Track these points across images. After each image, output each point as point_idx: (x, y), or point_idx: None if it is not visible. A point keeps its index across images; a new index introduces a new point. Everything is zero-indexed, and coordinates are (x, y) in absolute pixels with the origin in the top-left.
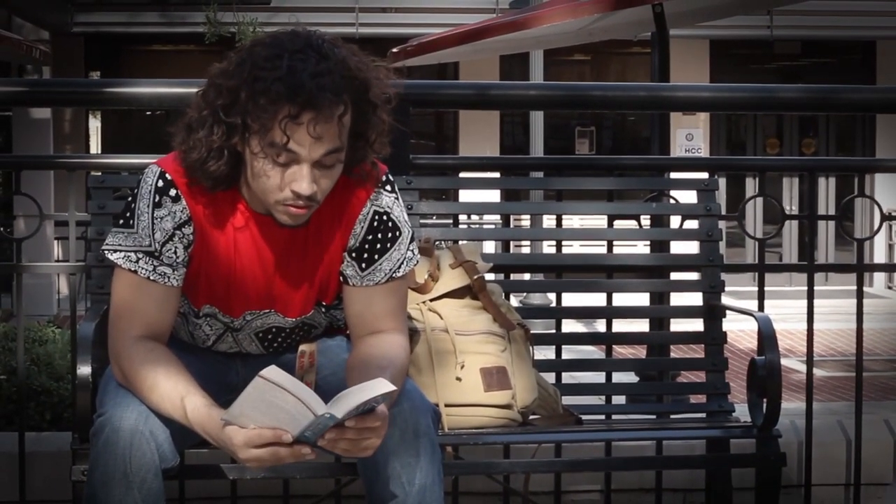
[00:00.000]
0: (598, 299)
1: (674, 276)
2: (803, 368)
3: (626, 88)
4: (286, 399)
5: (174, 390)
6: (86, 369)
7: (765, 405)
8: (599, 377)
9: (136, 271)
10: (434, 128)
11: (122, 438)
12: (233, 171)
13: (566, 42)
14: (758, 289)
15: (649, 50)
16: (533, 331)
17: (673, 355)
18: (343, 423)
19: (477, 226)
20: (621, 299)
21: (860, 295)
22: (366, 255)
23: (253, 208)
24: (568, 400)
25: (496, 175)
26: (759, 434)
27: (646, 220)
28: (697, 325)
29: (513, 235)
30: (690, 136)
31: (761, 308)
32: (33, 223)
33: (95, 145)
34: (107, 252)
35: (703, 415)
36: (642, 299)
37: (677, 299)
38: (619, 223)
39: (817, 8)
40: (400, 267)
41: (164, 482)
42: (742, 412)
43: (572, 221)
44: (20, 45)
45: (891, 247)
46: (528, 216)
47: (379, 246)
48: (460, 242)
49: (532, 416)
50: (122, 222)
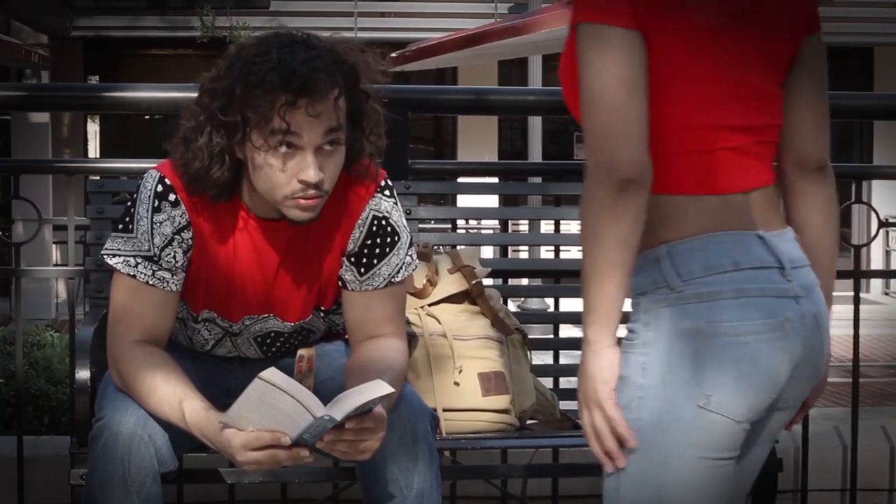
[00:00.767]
0: None
1: None
2: None
3: None
4: (285, 401)
5: (172, 394)
6: (84, 373)
7: None
8: None
9: (134, 276)
10: (432, 133)
11: (121, 442)
12: (235, 179)
13: None
14: None
15: None
16: (531, 336)
17: None
18: (342, 424)
19: (475, 231)
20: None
21: (857, 301)
22: (364, 260)
23: (254, 213)
24: (565, 405)
25: (494, 180)
26: None
27: None
28: None
29: (511, 240)
30: None
31: None
32: (32, 227)
33: (94, 149)
34: (106, 257)
35: None
36: None
37: None
38: None
39: None
40: (399, 272)
41: (162, 486)
42: None
43: (570, 226)
44: (19, 49)
45: (888, 253)
46: (527, 221)
47: (378, 251)
48: (458, 247)
49: (530, 421)
50: (121, 227)
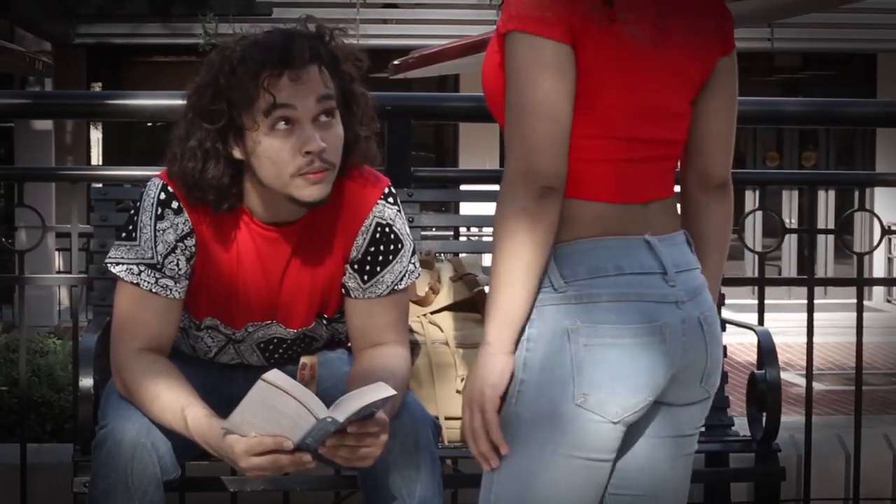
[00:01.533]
0: None
1: None
2: (802, 382)
3: None
4: (288, 403)
5: (175, 401)
6: (88, 381)
7: (764, 419)
8: None
9: (138, 284)
10: (434, 140)
11: (124, 450)
12: (233, 183)
13: None
14: (758, 303)
15: None
16: None
17: None
18: (344, 428)
19: (477, 238)
20: None
21: (860, 309)
22: (368, 268)
23: (258, 219)
24: None
25: (496, 187)
26: (758, 448)
27: None
28: None
29: None
30: None
31: (761, 322)
32: (35, 234)
33: (97, 156)
34: (109, 265)
35: (702, 429)
36: None
37: None
38: None
39: (818, 20)
40: (402, 279)
41: (165, 494)
42: (741, 425)
43: None
44: (23, 56)
45: (890, 260)
46: None
47: (381, 258)
48: (461, 255)
49: None
50: (124, 235)
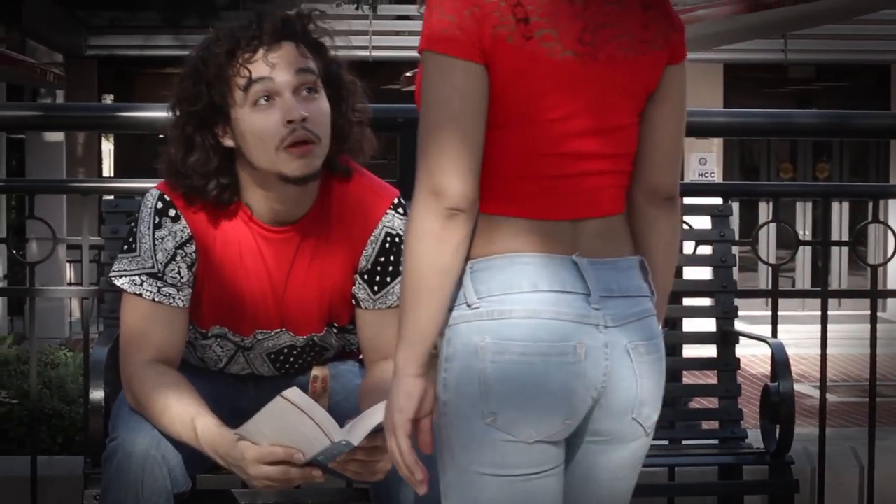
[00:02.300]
0: None
1: (686, 301)
2: (816, 393)
3: None
4: (304, 422)
5: (185, 412)
6: (98, 394)
7: (778, 432)
8: None
9: (141, 294)
10: None
11: (135, 463)
12: (224, 173)
13: None
14: (771, 315)
15: None
16: None
17: (685, 381)
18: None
19: None
20: None
21: (874, 321)
22: (378, 279)
23: (259, 218)
24: None
25: None
26: (771, 461)
27: None
28: (710, 350)
29: None
30: (704, 160)
31: (774, 334)
32: (46, 246)
33: (108, 168)
34: (113, 278)
35: (716, 441)
36: None
37: (689, 324)
38: None
39: (831, 32)
40: None
41: None
42: (754, 438)
43: None
44: (35, 68)
45: None
46: None
47: (391, 269)
48: None
49: None
50: (125, 248)
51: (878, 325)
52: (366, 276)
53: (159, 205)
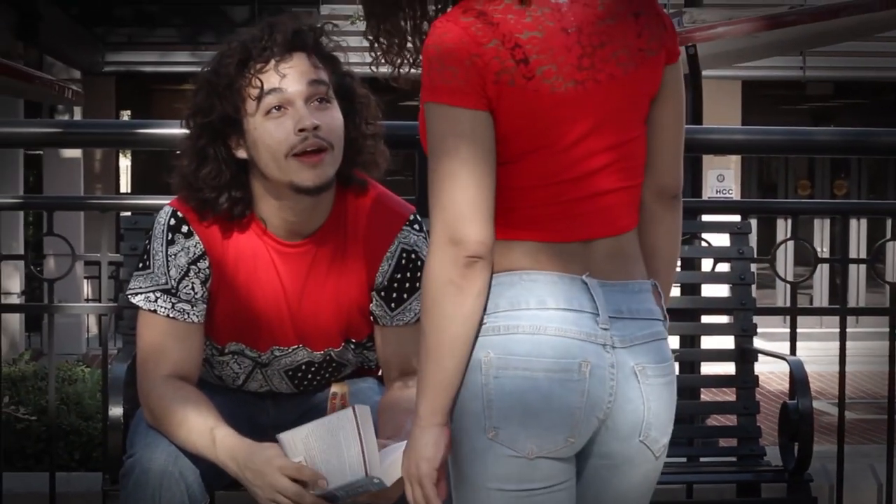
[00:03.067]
0: None
1: (705, 318)
2: (833, 411)
3: None
4: (352, 446)
5: (203, 423)
6: (117, 410)
7: (796, 449)
8: None
9: (156, 311)
10: None
11: (152, 479)
12: (237, 186)
13: None
14: (790, 332)
15: None
16: None
17: (703, 398)
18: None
19: None
20: None
21: (893, 338)
22: (395, 295)
23: (273, 232)
24: None
25: None
26: (790, 478)
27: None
28: (728, 367)
29: None
30: (721, 176)
31: (793, 351)
32: (64, 263)
33: (125, 184)
34: (129, 296)
35: (734, 458)
36: (673, 342)
37: (707, 342)
38: None
39: (850, 49)
40: None
41: None
42: (773, 455)
43: None
44: (53, 85)
45: None
46: None
47: (408, 285)
48: None
49: None
50: (140, 265)
51: None
52: (382, 293)
53: (172, 221)
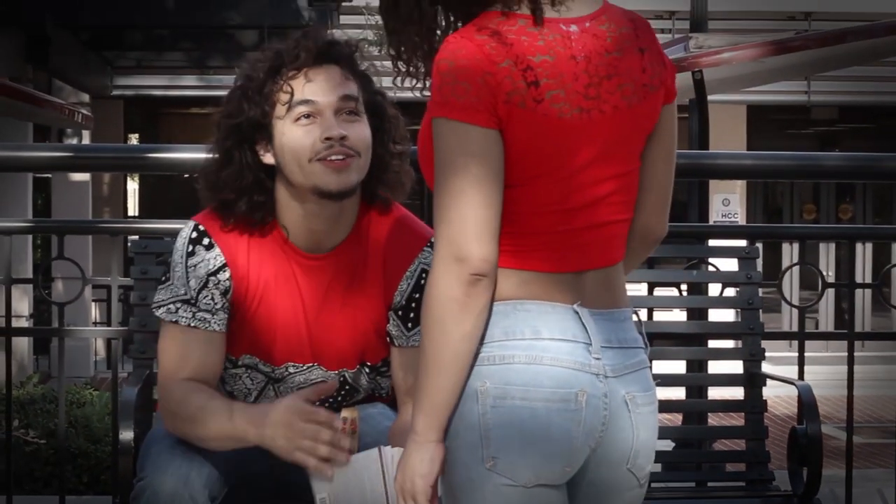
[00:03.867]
0: None
1: (712, 343)
2: (841, 435)
3: None
4: (376, 487)
5: (222, 403)
6: (128, 434)
7: (805, 474)
8: None
9: (177, 321)
10: None
11: (162, 502)
12: (260, 190)
13: None
14: (798, 356)
15: (686, 114)
16: None
17: (710, 422)
18: None
19: None
20: (660, 366)
21: None
22: (412, 315)
23: (294, 242)
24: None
25: None
26: (799, 503)
27: (684, 287)
28: (737, 391)
29: None
30: (727, 200)
31: (801, 376)
32: (72, 286)
33: (133, 207)
34: (154, 310)
35: (743, 483)
36: (680, 367)
37: (715, 366)
38: (658, 290)
39: (854, 74)
40: None
41: None
42: (781, 479)
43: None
44: (62, 109)
45: None
46: None
47: None
48: None
49: None
50: (162, 279)
51: None
52: (400, 313)
53: (193, 234)
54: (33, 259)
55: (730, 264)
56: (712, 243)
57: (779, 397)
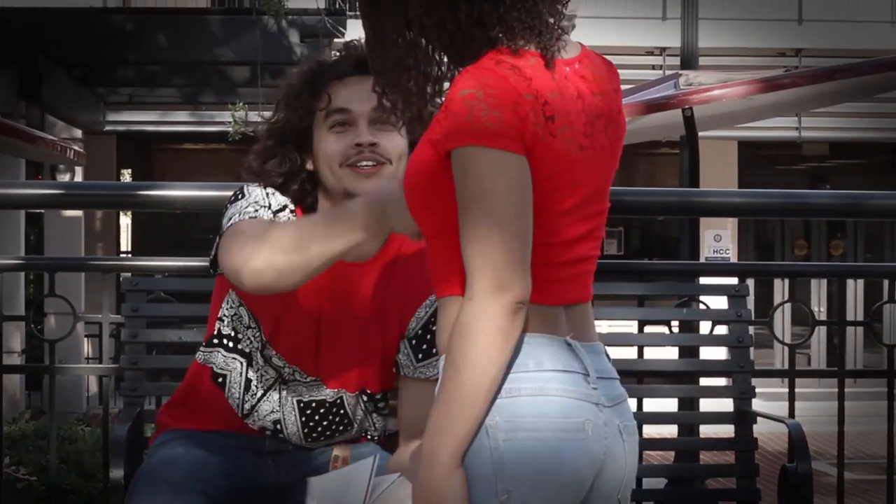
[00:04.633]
0: None
1: (703, 381)
2: (832, 471)
3: (657, 194)
4: (359, 497)
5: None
6: (119, 472)
7: None
8: None
9: (256, 216)
10: None
11: None
12: (299, 184)
13: None
14: (788, 393)
15: (678, 150)
16: None
17: (702, 459)
18: None
19: None
20: (651, 404)
21: (891, 400)
22: (424, 346)
23: None
24: None
25: None
26: None
27: (675, 325)
28: (727, 429)
29: None
30: (718, 237)
31: (791, 414)
32: (65, 321)
33: (125, 242)
34: (226, 225)
35: None
36: (671, 405)
37: (706, 404)
38: (649, 328)
39: (844, 110)
40: None
41: None
42: None
43: (601, 327)
44: (55, 145)
45: None
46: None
47: None
48: None
49: None
50: (232, 199)
51: (895, 403)
52: (413, 342)
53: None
54: (26, 294)
55: (720, 302)
56: (703, 281)
57: (771, 433)
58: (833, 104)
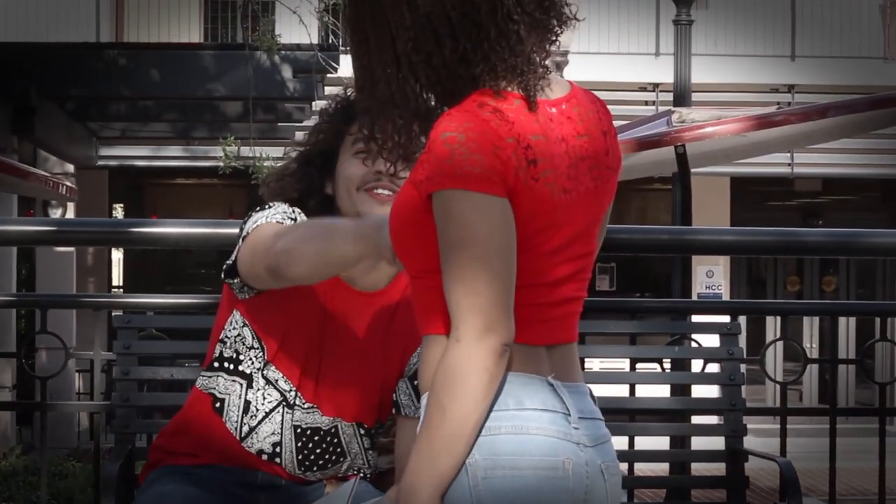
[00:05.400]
0: (620, 442)
1: (695, 419)
2: None
3: (649, 232)
4: None
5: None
6: None
7: None
8: None
9: (282, 222)
10: None
11: None
12: (325, 196)
13: None
14: (780, 430)
15: (670, 186)
16: None
17: (694, 497)
18: None
19: None
20: (643, 442)
21: (882, 437)
22: None
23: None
24: None
25: None
26: None
27: (667, 363)
28: (719, 467)
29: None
30: (711, 272)
31: (783, 451)
32: (56, 356)
33: (117, 277)
34: (250, 227)
35: None
36: (663, 443)
37: (698, 442)
38: (641, 366)
39: (838, 146)
40: None
41: None
42: None
43: (593, 364)
44: (46, 181)
45: None
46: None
47: None
48: None
49: None
50: (257, 210)
51: (886, 438)
52: (416, 382)
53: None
54: (17, 329)
55: (712, 339)
56: (695, 319)
57: (762, 469)
58: (826, 141)
